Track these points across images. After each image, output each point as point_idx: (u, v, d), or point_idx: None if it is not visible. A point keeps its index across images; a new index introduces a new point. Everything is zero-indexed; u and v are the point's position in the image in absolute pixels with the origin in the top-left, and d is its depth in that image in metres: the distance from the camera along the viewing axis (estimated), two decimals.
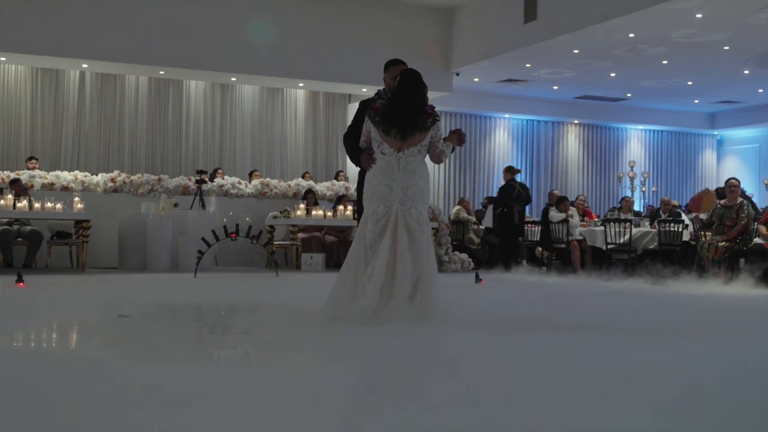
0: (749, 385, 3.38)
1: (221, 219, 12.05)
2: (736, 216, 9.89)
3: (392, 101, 5.33)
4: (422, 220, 5.28)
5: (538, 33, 13.46)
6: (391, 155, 5.25)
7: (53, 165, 14.32)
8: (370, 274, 5.02)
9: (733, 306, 6.96)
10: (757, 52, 13.98)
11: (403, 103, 5.27)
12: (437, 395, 3.02)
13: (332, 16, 14.80)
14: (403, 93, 5.29)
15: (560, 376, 3.41)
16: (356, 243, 5.27)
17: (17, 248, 10.99)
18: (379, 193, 5.23)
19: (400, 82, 5.33)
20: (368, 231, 5.20)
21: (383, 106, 5.35)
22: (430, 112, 5.32)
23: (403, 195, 5.22)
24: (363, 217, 5.31)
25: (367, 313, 4.88)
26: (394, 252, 5.07)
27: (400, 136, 5.23)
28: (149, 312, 5.71)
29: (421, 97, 5.31)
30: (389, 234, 5.11)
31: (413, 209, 5.23)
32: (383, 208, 5.20)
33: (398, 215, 5.16)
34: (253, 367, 3.73)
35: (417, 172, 5.29)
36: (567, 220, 12.11)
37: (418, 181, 5.27)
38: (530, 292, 8.53)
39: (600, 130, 20.39)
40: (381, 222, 5.18)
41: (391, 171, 5.24)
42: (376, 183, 5.26)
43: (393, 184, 5.22)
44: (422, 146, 5.29)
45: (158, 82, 15.68)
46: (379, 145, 5.27)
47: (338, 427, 2.61)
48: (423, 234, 5.23)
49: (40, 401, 2.81)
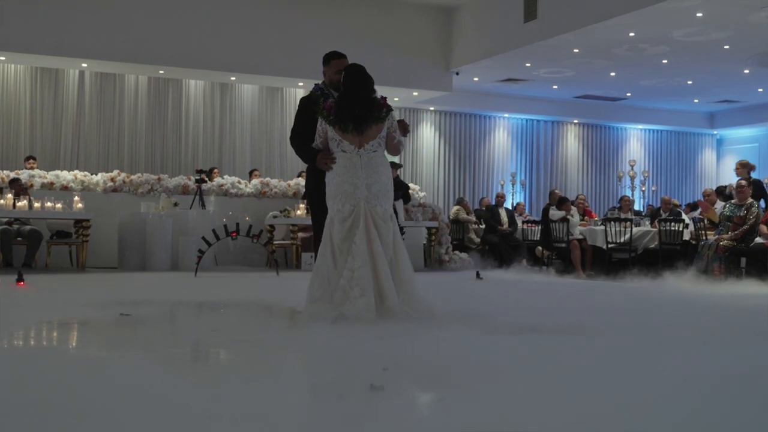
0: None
1: (221, 218, 12.04)
2: (745, 214, 9.86)
3: (343, 97, 5.27)
4: (387, 217, 5.25)
5: (538, 32, 13.46)
6: (353, 152, 5.22)
7: (53, 164, 14.30)
8: (350, 278, 4.96)
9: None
10: (757, 51, 13.97)
11: (355, 97, 5.22)
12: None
13: (332, 15, 14.79)
14: (353, 87, 5.24)
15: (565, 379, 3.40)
16: (324, 244, 5.23)
17: (17, 248, 10.98)
18: (344, 192, 5.18)
19: (348, 77, 5.28)
20: (335, 231, 5.16)
21: (335, 104, 5.30)
22: (383, 103, 5.31)
23: (368, 192, 5.19)
24: (328, 218, 5.25)
25: (371, 311, 4.86)
26: (372, 252, 5.04)
27: (357, 130, 5.20)
28: (151, 311, 5.70)
29: (371, 90, 5.28)
30: (361, 234, 5.07)
31: (378, 206, 5.20)
32: (349, 206, 5.16)
33: (365, 213, 5.13)
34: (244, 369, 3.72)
35: (379, 168, 5.27)
36: (567, 220, 12.10)
37: (381, 178, 5.25)
38: (533, 293, 8.52)
39: (600, 130, 20.38)
40: (348, 221, 5.14)
41: (353, 168, 5.21)
42: (339, 182, 5.21)
43: (357, 182, 5.19)
44: (380, 138, 5.27)
45: (158, 82, 15.67)
46: (339, 143, 5.23)
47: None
48: (389, 231, 5.21)
49: (39, 401, 2.79)
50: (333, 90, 5.55)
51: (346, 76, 5.30)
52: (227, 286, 8.53)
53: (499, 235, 13.49)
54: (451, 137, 18.72)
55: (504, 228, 13.55)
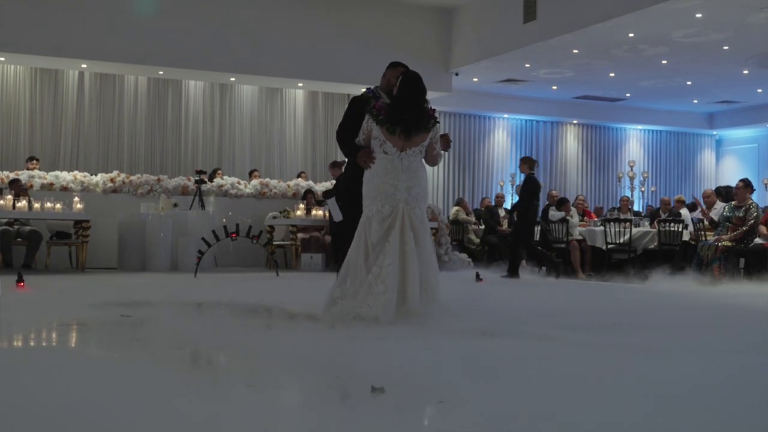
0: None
1: (221, 219, 12.05)
2: (744, 216, 9.87)
3: (397, 100, 5.34)
4: (424, 219, 5.36)
5: (537, 33, 13.46)
6: (394, 155, 5.28)
7: (52, 165, 14.29)
8: (378, 274, 5.01)
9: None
10: (757, 52, 13.98)
11: (408, 103, 5.31)
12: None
13: (331, 16, 14.80)
14: (408, 93, 5.33)
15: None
16: (357, 241, 5.26)
17: (17, 248, 10.99)
18: (384, 193, 5.24)
19: (405, 82, 5.36)
20: (373, 231, 5.20)
21: (387, 105, 5.37)
22: (431, 114, 5.40)
23: (408, 195, 5.26)
24: (364, 217, 5.30)
25: (390, 310, 4.88)
26: (404, 252, 5.09)
27: (404, 135, 5.27)
28: (150, 312, 5.70)
29: (423, 98, 5.38)
30: (396, 233, 5.12)
31: (417, 209, 5.29)
32: (388, 207, 5.22)
33: (404, 215, 5.19)
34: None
35: (419, 172, 5.36)
36: (566, 220, 12.10)
37: (420, 181, 5.35)
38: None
39: (599, 130, 20.39)
40: (386, 222, 5.19)
41: (395, 170, 5.27)
42: (379, 182, 5.26)
43: (398, 184, 5.25)
44: (422, 146, 5.37)
45: (157, 82, 15.67)
46: (382, 144, 5.29)
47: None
48: (427, 234, 5.31)
49: (38, 402, 2.80)
50: (385, 95, 5.68)
51: (403, 80, 5.38)
52: (227, 287, 8.52)
53: (498, 235, 13.50)
54: (451, 137, 18.68)
55: (503, 228, 13.56)
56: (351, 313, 4.93)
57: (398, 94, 5.36)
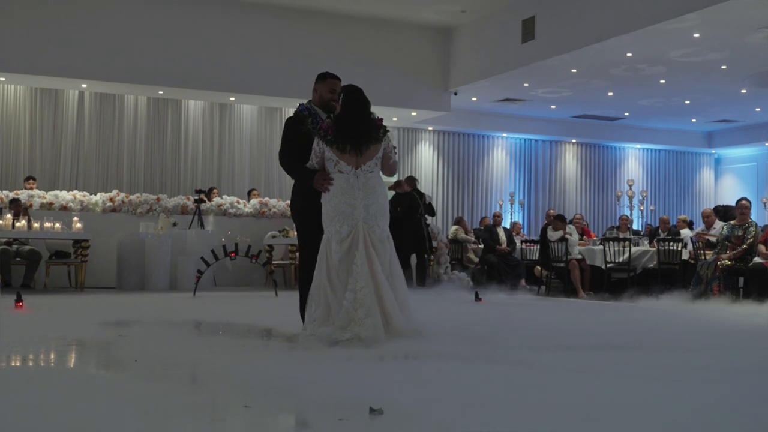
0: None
1: (220, 238, 12.03)
2: (743, 235, 9.87)
3: (342, 117, 5.26)
4: (384, 237, 5.25)
5: (535, 53, 13.52)
6: (350, 173, 5.21)
7: (52, 184, 14.32)
8: (353, 299, 4.93)
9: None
10: (754, 71, 14.04)
11: (354, 118, 5.24)
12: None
13: (331, 36, 14.85)
14: (352, 108, 5.26)
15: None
16: (319, 265, 5.16)
17: (16, 268, 10.97)
18: (341, 213, 5.16)
19: (347, 97, 5.29)
20: (333, 252, 5.11)
21: (333, 123, 5.30)
22: (380, 124, 5.34)
23: (366, 213, 5.18)
24: (325, 238, 5.20)
25: (379, 331, 4.85)
26: (373, 272, 5.03)
27: (355, 150, 5.20)
28: (149, 331, 5.68)
29: (368, 111, 5.31)
30: (361, 255, 5.05)
31: (376, 227, 5.20)
32: (347, 227, 5.14)
33: (363, 234, 5.12)
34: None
35: (377, 188, 5.28)
36: (566, 239, 12.09)
37: (378, 198, 5.26)
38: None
39: (598, 149, 20.43)
40: (346, 242, 5.11)
41: (351, 189, 5.19)
42: (336, 203, 5.19)
43: (355, 203, 5.17)
44: (377, 159, 5.29)
45: (157, 102, 15.71)
46: (336, 163, 5.22)
47: None
48: (386, 251, 5.21)
49: (38, 422, 2.79)
50: (320, 109, 5.53)
51: (346, 96, 5.31)
52: (226, 307, 8.51)
53: (497, 254, 13.50)
54: (450, 157, 18.76)
55: (502, 248, 13.56)
56: (331, 338, 4.84)
57: (342, 111, 5.28)
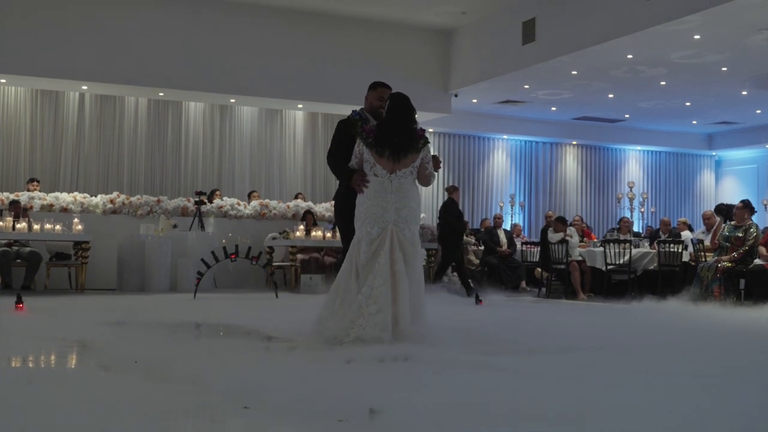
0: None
1: (220, 240, 12.04)
2: (743, 236, 9.85)
3: (386, 123, 5.37)
4: (415, 240, 5.34)
5: (536, 54, 13.52)
6: (384, 177, 5.30)
7: (52, 186, 14.31)
8: (369, 294, 5.00)
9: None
10: (755, 73, 14.04)
11: (397, 125, 5.34)
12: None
13: (331, 37, 14.87)
14: (395, 115, 5.36)
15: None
16: (347, 263, 5.28)
17: (16, 270, 10.97)
18: (373, 215, 5.25)
19: (392, 104, 5.39)
20: (362, 252, 5.21)
21: (375, 128, 5.38)
22: (421, 134, 5.42)
23: (397, 216, 5.27)
24: (355, 239, 5.32)
25: (386, 329, 4.88)
26: (393, 272, 5.08)
27: (393, 157, 5.30)
28: (149, 333, 5.68)
29: (412, 120, 5.41)
30: (386, 254, 5.12)
31: (406, 230, 5.28)
32: (377, 229, 5.23)
33: (392, 236, 5.18)
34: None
35: (409, 193, 5.36)
36: (566, 241, 12.08)
37: (410, 203, 5.34)
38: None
39: (598, 151, 20.43)
40: (374, 243, 5.19)
41: (384, 192, 5.28)
42: (369, 205, 5.29)
43: (386, 206, 5.26)
44: (413, 167, 5.37)
45: (157, 104, 15.71)
46: (372, 166, 5.32)
47: None
48: (417, 255, 5.28)
49: (38, 424, 2.78)
50: (371, 116, 5.68)
51: (392, 103, 5.41)
52: (226, 308, 8.51)
53: (498, 256, 13.49)
54: (450, 159, 18.75)
55: (503, 249, 13.55)
56: (339, 333, 4.91)
57: (386, 117, 5.39)
